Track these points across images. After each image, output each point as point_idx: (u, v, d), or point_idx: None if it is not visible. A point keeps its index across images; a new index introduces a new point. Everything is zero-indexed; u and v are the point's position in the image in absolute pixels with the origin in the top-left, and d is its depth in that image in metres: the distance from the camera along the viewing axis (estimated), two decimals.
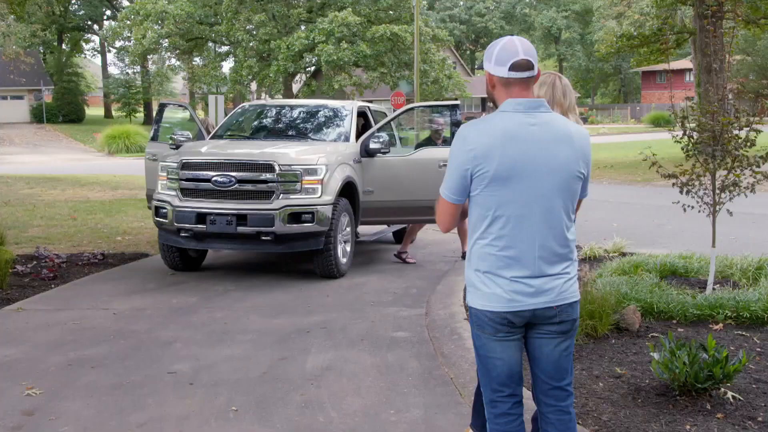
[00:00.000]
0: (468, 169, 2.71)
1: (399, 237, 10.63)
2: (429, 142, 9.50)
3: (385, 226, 10.76)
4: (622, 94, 78.62)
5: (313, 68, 42.93)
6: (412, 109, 9.43)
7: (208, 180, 7.74)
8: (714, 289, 6.54)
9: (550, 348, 2.86)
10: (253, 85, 49.13)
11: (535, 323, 2.82)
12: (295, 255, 9.34)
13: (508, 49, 2.76)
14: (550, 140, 2.73)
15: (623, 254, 8.60)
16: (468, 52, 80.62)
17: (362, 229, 9.40)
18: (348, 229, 8.34)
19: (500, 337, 2.79)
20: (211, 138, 9.21)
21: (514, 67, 2.75)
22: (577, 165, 2.78)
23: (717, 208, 6.68)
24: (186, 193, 7.85)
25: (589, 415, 4.09)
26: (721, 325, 5.80)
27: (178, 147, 8.70)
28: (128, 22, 41.07)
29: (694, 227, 10.94)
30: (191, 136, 9.28)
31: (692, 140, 6.68)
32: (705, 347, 4.30)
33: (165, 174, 8.04)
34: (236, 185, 7.67)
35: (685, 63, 56.52)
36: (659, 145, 12.73)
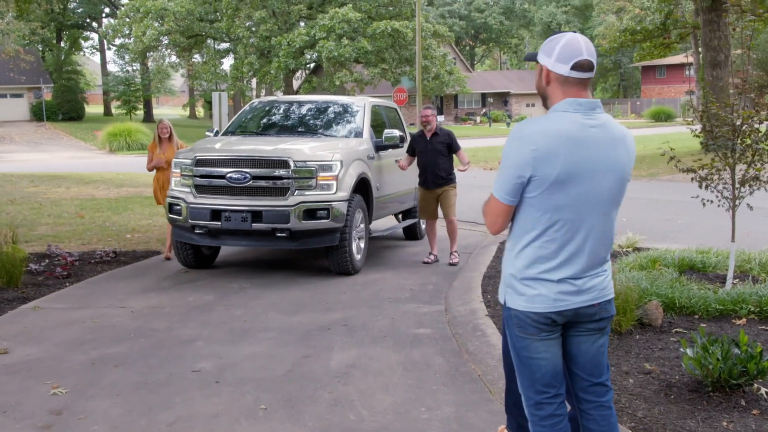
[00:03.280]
0: (528, 170, 2.62)
1: (409, 234, 10.60)
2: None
3: (396, 222, 10.76)
4: (622, 89, 78.59)
5: (313, 65, 42.88)
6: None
7: (222, 177, 7.70)
8: (733, 283, 6.51)
9: (587, 345, 2.84)
10: (253, 82, 49.02)
11: (575, 321, 2.79)
12: (307, 252, 9.32)
13: (572, 47, 2.68)
14: (609, 143, 2.68)
15: (637, 249, 8.56)
16: (467, 47, 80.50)
17: (372, 225, 9.39)
18: (362, 225, 8.31)
19: (543, 336, 2.75)
20: (223, 134, 9.17)
21: (576, 67, 2.67)
22: (630, 168, 2.75)
23: (737, 202, 6.65)
24: (200, 189, 7.81)
25: (623, 411, 4.06)
26: (744, 320, 5.77)
27: None
28: (128, 20, 41.00)
29: (705, 222, 10.91)
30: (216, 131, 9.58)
31: (712, 134, 6.64)
32: (737, 343, 4.27)
33: (179, 171, 7.99)
34: (251, 182, 7.63)
35: (685, 57, 56.47)
36: (663, 140, 12.66)
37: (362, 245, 8.35)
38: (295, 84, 42.87)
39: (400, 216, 10.69)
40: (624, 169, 2.71)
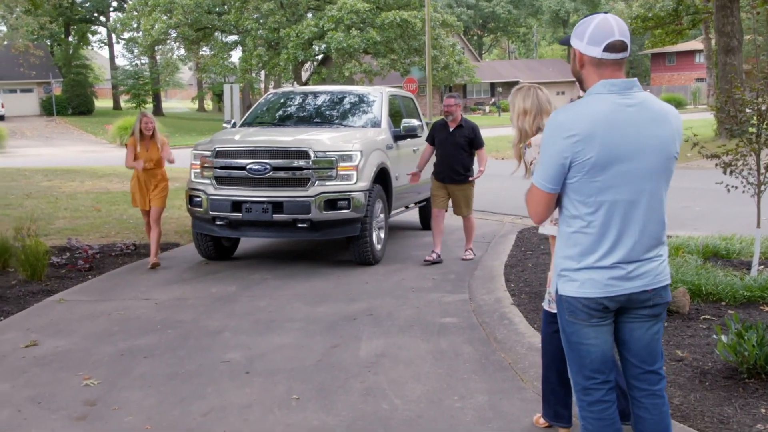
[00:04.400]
0: (567, 156, 2.60)
1: (426, 223, 10.55)
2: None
3: (403, 208, 10.67)
4: (631, 77, 78.06)
5: (322, 56, 42.79)
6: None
7: (242, 168, 7.69)
8: (759, 270, 6.46)
9: (641, 332, 2.80)
10: (262, 74, 49.01)
11: (628, 307, 2.75)
12: (325, 243, 9.31)
13: (604, 28, 2.65)
14: (648, 121, 2.65)
15: None
16: (475, 37, 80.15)
17: None
18: (382, 215, 8.30)
19: (594, 323, 2.72)
20: (241, 126, 9.16)
21: (608, 48, 2.65)
22: (674, 145, 2.71)
23: (762, 188, 6.59)
24: (220, 181, 7.80)
25: None
26: None
27: None
28: (136, 13, 41.02)
29: (722, 208, 10.87)
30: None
31: (736, 119, 6.59)
32: None
33: (198, 163, 7.98)
34: (271, 173, 7.61)
35: (695, 44, 56.13)
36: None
37: (382, 235, 8.34)
38: (304, 75, 42.81)
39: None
40: (667, 147, 2.68)
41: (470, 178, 8.16)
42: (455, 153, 8.10)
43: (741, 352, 4.15)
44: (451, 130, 8.15)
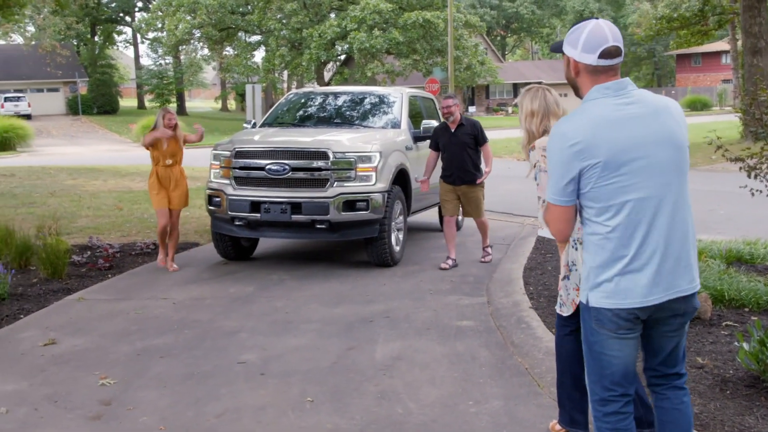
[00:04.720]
0: (575, 165, 2.55)
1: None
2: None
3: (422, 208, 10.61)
4: (656, 78, 77.39)
5: (344, 56, 42.87)
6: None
7: (261, 168, 7.70)
8: None
9: (670, 343, 2.77)
10: (284, 74, 49.20)
11: (658, 317, 2.67)
12: (343, 244, 9.30)
13: (597, 34, 2.63)
14: (650, 115, 2.61)
15: None
16: (498, 37, 79.82)
17: None
18: (401, 217, 8.26)
19: (620, 334, 2.64)
20: (261, 126, 9.18)
21: (603, 55, 2.62)
22: (682, 133, 2.66)
23: None
24: (240, 181, 7.82)
25: None
26: None
27: None
28: (161, 13, 41.37)
29: (748, 212, 10.71)
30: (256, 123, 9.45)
31: (762, 121, 6.48)
32: None
33: (218, 163, 8.01)
34: (290, 173, 7.61)
35: (721, 45, 55.47)
36: (700, 129, 12.40)
37: (401, 237, 8.31)
38: (327, 76, 42.92)
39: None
40: (676, 137, 2.63)
41: (477, 180, 7.99)
42: (462, 153, 7.92)
43: (763, 360, 4.07)
44: (453, 130, 7.98)
